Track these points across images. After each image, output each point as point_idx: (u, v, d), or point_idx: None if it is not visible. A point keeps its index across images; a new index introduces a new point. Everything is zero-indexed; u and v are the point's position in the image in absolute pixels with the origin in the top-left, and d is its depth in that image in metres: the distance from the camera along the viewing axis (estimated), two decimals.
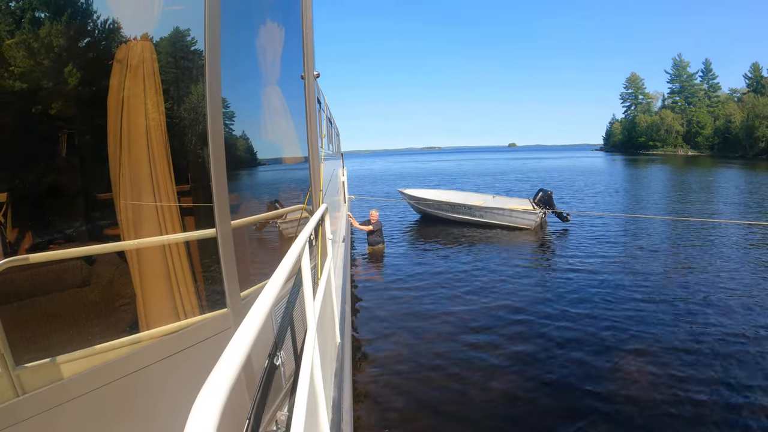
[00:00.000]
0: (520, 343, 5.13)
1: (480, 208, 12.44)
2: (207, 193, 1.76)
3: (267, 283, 1.04)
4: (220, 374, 0.59)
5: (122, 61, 1.64)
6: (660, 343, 4.98)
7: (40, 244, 1.66)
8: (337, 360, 2.77)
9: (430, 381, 4.34)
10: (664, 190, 22.11)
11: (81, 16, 1.69)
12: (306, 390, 1.32)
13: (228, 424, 1.68)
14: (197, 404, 0.52)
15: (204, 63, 1.69)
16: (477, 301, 6.56)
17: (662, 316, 5.79)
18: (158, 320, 1.74)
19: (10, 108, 1.56)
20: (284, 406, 2.15)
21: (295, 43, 2.83)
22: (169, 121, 1.77)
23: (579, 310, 6.08)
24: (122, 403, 1.46)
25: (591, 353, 4.80)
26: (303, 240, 1.52)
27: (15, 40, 1.50)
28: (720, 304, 6.14)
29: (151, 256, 1.76)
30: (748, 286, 6.88)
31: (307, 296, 1.58)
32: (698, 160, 55.98)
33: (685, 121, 78.68)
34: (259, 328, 0.82)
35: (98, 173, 1.75)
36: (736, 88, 76.32)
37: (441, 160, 74.50)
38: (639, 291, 6.79)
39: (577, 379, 4.29)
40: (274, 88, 2.72)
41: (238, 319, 1.81)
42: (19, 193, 1.60)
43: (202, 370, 0.73)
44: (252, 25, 2.46)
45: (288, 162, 3.21)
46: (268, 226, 2.80)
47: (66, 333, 1.58)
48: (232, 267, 1.81)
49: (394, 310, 6.25)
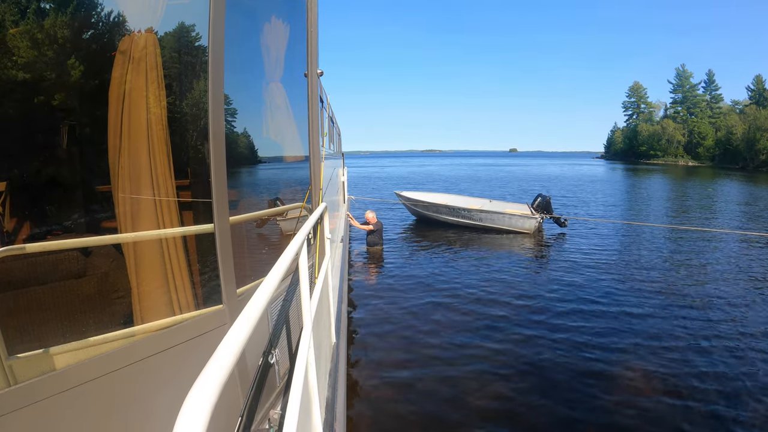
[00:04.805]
0: (516, 346, 5.12)
1: (479, 211, 12.45)
2: (206, 188, 1.76)
3: (264, 281, 1.04)
4: (212, 370, 0.59)
5: (125, 52, 1.64)
6: (657, 350, 4.97)
7: (37, 234, 1.65)
8: (332, 360, 2.76)
9: (425, 384, 4.33)
10: (663, 200, 22.15)
11: (86, 7, 1.69)
12: (300, 389, 1.32)
13: (220, 420, 1.68)
14: (188, 400, 0.52)
15: (207, 58, 1.69)
16: (474, 304, 6.55)
17: (659, 322, 5.79)
18: (153, 314, 1.73)
19: (11, 98, 1.56)
20: (277, 404, 2.14)
21: (299, 40, 2.83)
22: (170, 115, 1.77)
23: (577, 315, 6.07)
24: (115, 396, 1.45)
25: (588, 359, 4.80)
26: (301, 238, 1.52)
27: (19, 29, 1.50)
28: (718, 311, 6.14)
29: (148, 249, 1.76)
30: (745, 296, 6.88)
31: (304, 295, 1.58)
32: (699, 170, 56.07)
33: (687, 131, 78.88)
34: (254, 325, 0.82)
35: (98, 165, 1.75)
36: (738, 100, 76.63)
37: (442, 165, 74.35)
38: (636, 297, 6.78)
39: (574, 386, 4.28)
40: (277, 85, 2.72)
41: (233, 315, 1.80)
42: (18, 182, 1.59)
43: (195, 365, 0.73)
44: (256, 22, 2.46)
45: (288, 160, 3.21)
46: (267, 224, 2.80)
47: (60, 324, 1.57)
48: (229, 263, 1.80)
49: (391, 312, 6.24)
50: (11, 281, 1.49)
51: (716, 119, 75.28)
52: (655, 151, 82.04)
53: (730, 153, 68.65)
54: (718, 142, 72.11)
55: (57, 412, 1.30)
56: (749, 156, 63.07)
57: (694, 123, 77.64)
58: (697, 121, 77.51)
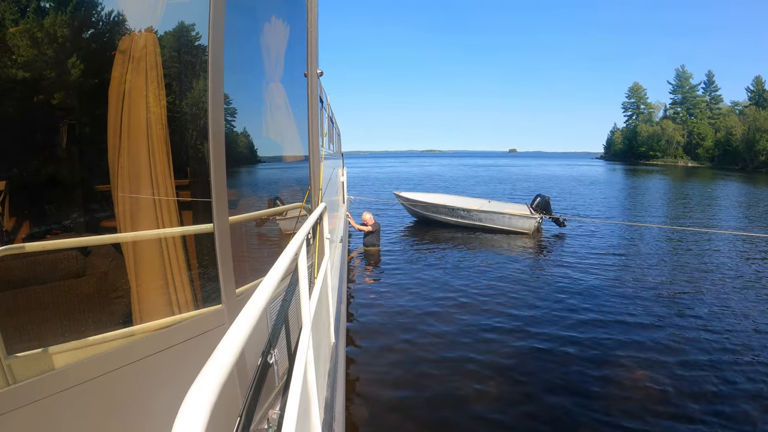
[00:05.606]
0: (516, 348, 5.12)
1: (478, 211, 12.44)
2: (206, 188, 1.76)
3: (263, 281, 1.04)
4: (211, 370, 0.59)
5: (125, 52, 1.64)
6: (655, 352, 4.98)
7: (37, 233, 1.65)
8: (331, 360, 2.76)
9: (424, 384, 4.33)
10: (662, 200, 22.17)
11: (85, 6, 1.69)
12: (299, 389, 1.32)
13: (219, 420, 1.68)
14: (187, 400, 0.52)
15: (207, 58, 1.69)
16: (474, 304, 6.56)
17: (658, 323, 5.79)
18: (152, 314, 1.73)
19: (11, 96, 1.56)
20: (276, 404, 2.15)
21: (299, 40, 2.83)
22: (170, 114, 1.77)
23: (576, 315, 6.08)
24: (114, 396, 1.45)
25: (587, 360, 4.80)
26: (300, 238, 1.52)
27: (19, 28, 1.50)
28: (716, 313, 6.14)
29: (147, 249, 1.76)
30: (743, 297, 6.89)
31: (303, 295, 1.58)
32: (698, 171, 56.12)
33: (686, 132, 78.96)
34: (253, 325, 0.82)
35: (97, 164, 1.75)
36: (738, 101, 76.71)
37: (442, 165, 74.29)
38: (635, 298, 6.78)
39: (574, 386, 4.28)
40: (277, 85, 2.72)
41: (232, 315, 1.80)
42: (17, 181, 1.59)
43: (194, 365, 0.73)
44: (256, 21, 2.45)
45: (288, 160, 3.21)
46: (266, 224, 2.80)
47: (59, 323, 1.57)
48: (229, 263, 1.80)
49: (390, 312, 6.24)
50: (10, 280, 1.49)
51: (716, 120, 75.35)
52: (655, 152, 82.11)
53: (729, 154, 68.73)
54: (718, 143, 72.20)
55: (56, 411, 1.30)
56: (749, 157, 63.16)
57: (694, 124, 77.72)
58: (696, 122, 77.58)
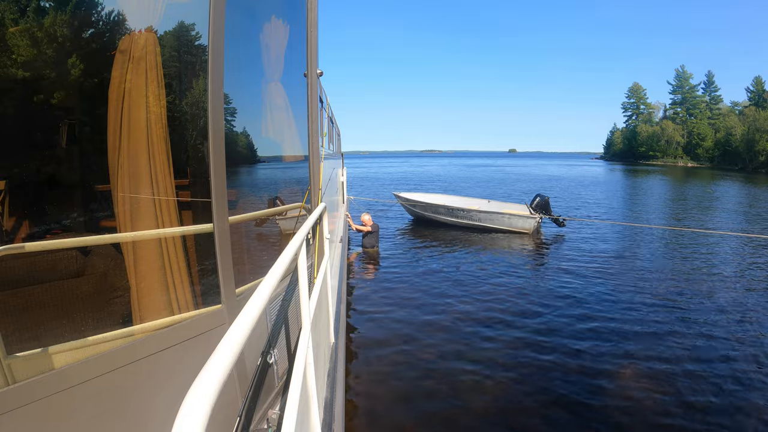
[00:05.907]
0: (516, 349, 5.12)
1: (477, 211, 12.44)
2: (205, 188, 1.76)
3: (263, 281, 1.04)
4: (211, 370, 0.59)
5: (125, 52, 1.64)
6: (655, 353, 4.98)
7: (36, 233, 1.65)
8: (331, 360, 2.76)
9: (424, 385, 4.33)
10: (661, 200, 22.18)
11: (85, 6, 1.69)
12: (298, 389, 1.32)
13: (219, 420, 1.68)
14: (187, 400, 0.52)
15: (207, 58, 1.69)
16: (474, 305, 6.56)
17: (657, 325, 5.79)
18: (152, 314, 1.73)
19: (11, 96, 1.56)
20: (276, 404, 2.14)
21: (299, 40, 2.83)
22: (169, 114, 1.77)
23: (576, 315, 6.08)
24: (114, 396, 1.45)
25: (587, 367, 4.78)
26: (300, 238, 1.52)
27: (19, 28, 1.50)
28: (716, 313, 6.15)
29: (146, 249, 1.76)
30: (743, 298, 6.89)
31: (303, 295, 1.58)
32: (698, 171, 56.15)
33: (686, 132, 79.03)
34: (253, 325, 0.82)
35: (97, 164, 1.75)
36: (737, 101, 76.76)
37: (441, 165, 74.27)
38: (635, 298, 6.79)
39: (575, 388, 4.28)
40: (277, 85, 2.72)
41: (232, 315, 1.80)
42: (17, 181, 1.59)
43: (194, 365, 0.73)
44: (256, 21, 2.46)
45: (288, 160, 3.21)
46: (266, 224, 2.80)
47: (59, 323, 1.57)
48: (228, 263, 1.80)
49: (390, 312, 6.24)
50: (10, 280, 1.49)
51: (715, 120, 75.44)
52: (655, 152, 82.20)
53: (729, 154, 68.80)
54: (718, 143, 72.28)
55: (56, 411, 1.30)
56: (748, 157, 63.20)
57: (694, 124, 77.80)
58: (696, 122, 77.66)
